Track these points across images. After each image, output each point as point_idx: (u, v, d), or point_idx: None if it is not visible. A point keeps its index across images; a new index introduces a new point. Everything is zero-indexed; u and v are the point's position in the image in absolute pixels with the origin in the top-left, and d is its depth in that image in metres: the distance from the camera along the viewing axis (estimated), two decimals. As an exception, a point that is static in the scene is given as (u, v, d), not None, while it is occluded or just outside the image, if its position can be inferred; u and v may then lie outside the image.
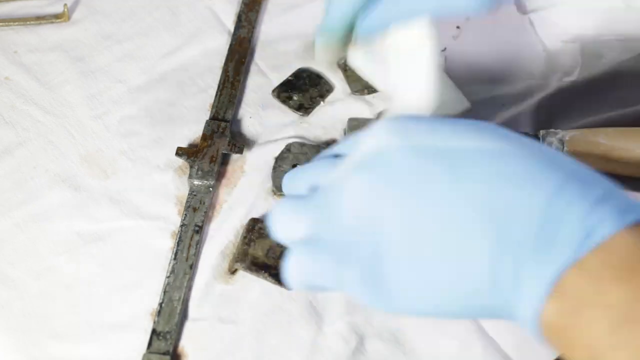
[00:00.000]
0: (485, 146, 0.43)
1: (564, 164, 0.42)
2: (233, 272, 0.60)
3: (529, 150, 0.43)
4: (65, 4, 0.73)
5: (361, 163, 0.45)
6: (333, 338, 0.57)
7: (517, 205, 0.40)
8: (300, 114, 0.69)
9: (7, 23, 0.73)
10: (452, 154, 0.43)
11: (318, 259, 0.45)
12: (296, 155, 0.65)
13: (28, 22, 0.73)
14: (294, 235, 0.48)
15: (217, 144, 0.65)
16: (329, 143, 0.67)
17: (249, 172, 0.65)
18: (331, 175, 0.47)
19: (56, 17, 0.73)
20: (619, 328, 0.37)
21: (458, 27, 0.73)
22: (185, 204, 0.62)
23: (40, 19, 0.73)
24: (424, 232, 0.42)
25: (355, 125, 0.66)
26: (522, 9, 0.75)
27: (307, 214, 0.47)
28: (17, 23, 0.73)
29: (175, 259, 0.60)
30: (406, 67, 0.57)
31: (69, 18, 0.74)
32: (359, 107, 0.69)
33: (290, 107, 0.69)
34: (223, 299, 0.59)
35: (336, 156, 0.50)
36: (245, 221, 0.62)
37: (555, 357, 0.56)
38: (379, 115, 0.66)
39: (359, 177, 0.44)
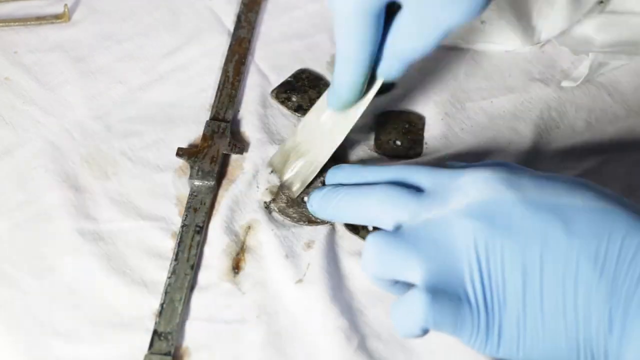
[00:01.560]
0: (590, 204, 0.46)
1: None
2: (237, 269, 0.60)
3: (627, 207, 0.46)
4: (65, 5, 0.73)
5: (474, 210, 0.48)
6: (335, 337, 0.57)
7: (628, 259, 0.44)
8: (299, 115, 0.69)
9: (7, 23, 0.73)
10: (564, 210, 0.46)
11: (444, 305, 0.46)
12: None
13: (28, 23, 0.73)
14: (398, 274, 0.50)
15: (218, 145, 0.65)
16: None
17: (250, 173, 0.65)
18: (426, 214, 0.50)
19: (56, 18, 0.73)
20: None
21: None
22: (186, 204, 0.62)
23: (41, 19, 0.73)
24: (543, 286, 0.45)
25: (277, 162, 0.65)
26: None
27: (416, 256, 0.48)
28: (17, 23, 0.73)
29: (176, 259, 0.60)
30: None
31: (69, 18, 0.74)
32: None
33: (288, 108, 0.69)
34: (225, 299, 0.59)
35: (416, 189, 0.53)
36: (242, 219, 0.62)
37: None
38: None
39: (473, 224, 0.47)
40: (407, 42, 0.55)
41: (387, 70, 0.57)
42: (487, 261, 0.46)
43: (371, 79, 0.58)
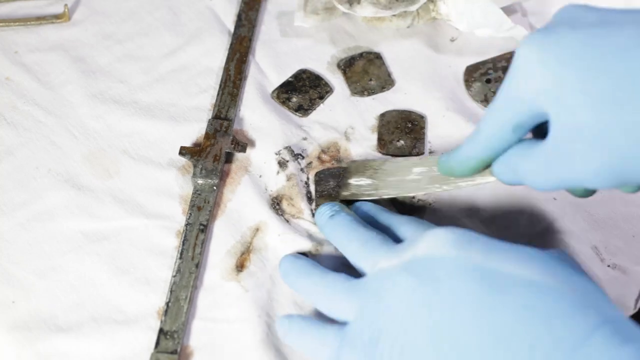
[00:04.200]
0: (532, 279, 0.45)
1: (601, 307, 0.44)
2: (240, 268, 0.60)
3: (572, 288, 0.45)
4: (65, 4, 0.73)
5: (411, 264, 0.50)
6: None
7: (545, 345, 0.42)
8: (299, 115, 0.69)
9: (7, 23, 0.73)
10: (500, 280, 0.45)
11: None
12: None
13: (28, 23, 0.73)
14: (340, 314, 0.53)
15: (220, 143, 0.65)
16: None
17: (252, 171, 0.65)
18: (382, 265, 0.52)
19: (56, 18, 0.73)
20: None
21: (452, 40, 0.74)
22: (190, 202, 0.62)
23: (41, 19, 0.73)
24: (447, 349, 0.45)
25: (355, 167, 0.64)
26: (522, 12, 0.75)
27: (355, 299, 0.52)
28: (17, 23, 0.73)
29: (181, 258, 0.59)
30: None
31: (69, 18, 0.74)
32: (358, 109, 0.69)
33: (289, 108, 0.69)
34: (230, 298, 0.59)
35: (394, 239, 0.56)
36: (250, 220, 0.62)
37: None
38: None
39: (405, 278, 0.49)
40: (529, 172, 0.51)
41: (499, 174, 0.54)
42: (402, 314, 0.48)
43: (486, 168, 0.56)
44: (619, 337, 0.41)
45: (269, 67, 0.72)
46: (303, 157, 0.66)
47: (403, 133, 0.67)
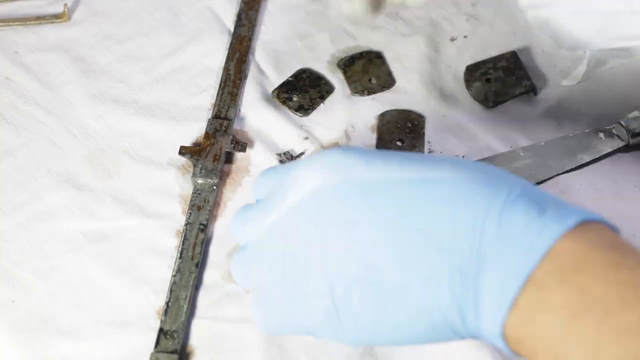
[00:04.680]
0: (422, 176, 0.43)
1: (506, 180, 0.43)
2: None
3: (465, 174, 0.43)
4: (65, 4, 0.73)
5: (301, 205, 0.46)
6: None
7: (461, 229, 0.41)
8: (300, 115, 0.69)
9: (7, 23, 0.73)
10: (391, 186, 0.43)
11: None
12: None
13: (28, 23, 0.73)
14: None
15: (220, 143, 0.65)
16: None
17: (253, 171, 0.65)
18: (268, 219, 0.47)
19: (56, 17, 0.73)
20: (570, 325, 0.39)
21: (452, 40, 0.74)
22: (190, 202, 0.62)
23: (41, 19, 0.73)
24: (378, 269, 0.43)
25: None
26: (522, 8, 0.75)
27: (262, 262, 0.48)
28: (17, 23, 0.73)
29: (180, 257, 0.59)
30: None
31: (69, 18, 0.73)
32: (359, 108, 0.69)
33: (290, 108, 0.69)
34: (230, 298, 0.59)
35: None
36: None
37: None
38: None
39: (302, 220, 0.45)
40: None
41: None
42: (315, 255, 0.45)
43: None
44: (536, 207, 0.41)
45: (269, 66, 0.72)
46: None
47: (403, 133, 0.67)
